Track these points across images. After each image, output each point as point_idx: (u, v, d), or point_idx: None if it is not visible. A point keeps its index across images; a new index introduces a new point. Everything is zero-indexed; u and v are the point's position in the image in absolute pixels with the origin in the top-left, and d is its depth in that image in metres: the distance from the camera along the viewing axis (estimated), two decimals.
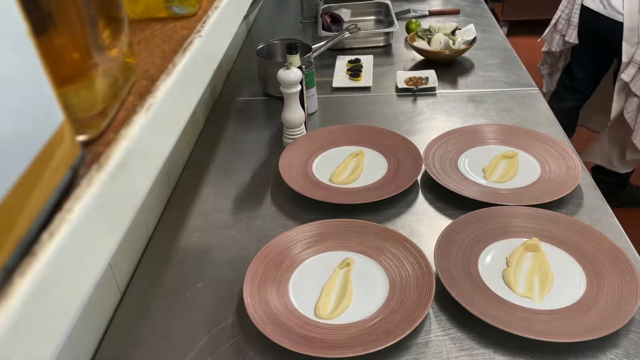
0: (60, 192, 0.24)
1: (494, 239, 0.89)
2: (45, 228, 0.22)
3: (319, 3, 1.85)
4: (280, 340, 0.72)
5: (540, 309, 0.77)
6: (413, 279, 0.82)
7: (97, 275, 0.25)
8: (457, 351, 0.73)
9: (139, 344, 0.78)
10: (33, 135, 0.21)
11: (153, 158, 0.32)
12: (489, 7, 1.96)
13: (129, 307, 0.84)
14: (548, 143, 1.10)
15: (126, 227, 0.28)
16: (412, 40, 1.55)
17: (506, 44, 1.61)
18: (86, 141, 0.28)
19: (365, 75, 1.45)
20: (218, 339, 0.77)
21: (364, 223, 0.92)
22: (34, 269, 0.20)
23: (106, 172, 0.26)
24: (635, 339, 0.73)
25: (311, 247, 0.89)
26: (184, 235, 0.97)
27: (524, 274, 0.82)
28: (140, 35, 0.42)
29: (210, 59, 0.44)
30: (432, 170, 1.03)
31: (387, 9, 1.79)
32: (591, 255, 0.84)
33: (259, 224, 0.99)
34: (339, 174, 1.07)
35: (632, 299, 0.75)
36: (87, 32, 0.28)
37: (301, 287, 0.83)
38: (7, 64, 0.20)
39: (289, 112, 1.14)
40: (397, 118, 1.27)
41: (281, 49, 1.46)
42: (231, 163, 1.16)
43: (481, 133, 1.15)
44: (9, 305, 0.19)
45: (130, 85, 0.34)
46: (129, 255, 0.90)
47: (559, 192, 0.96)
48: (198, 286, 0.87)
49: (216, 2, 0.47)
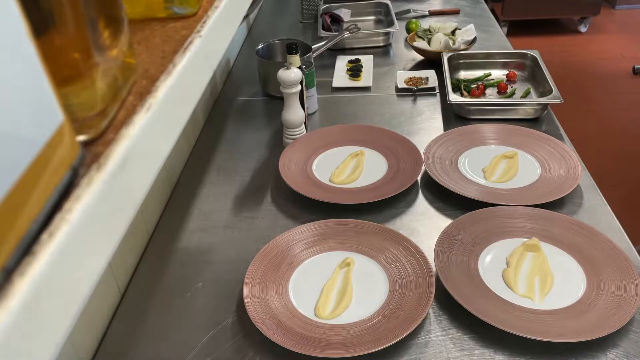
0: (60, 192, 0.24)
1: (494, 239, 0.89)
2: (45, 228, 0.22)
3: (319, 3, 1.85)
4: (280, 340, 0.72)
5: (540, 309, 0.77)
6: (413, 279, 0.82)
7: (97, 275, 0.25)
8: (457, 351, 0.73)
9: (139, 344, 0.78)
10: (33, 135, 0.21)
11: (153, 158, 0.32)
12: (489, 7, 1.96)
13: (129, 307, 0.84)
14: (548, 143, 1.10)
15: (126, 227, 0.28)
16: (412, 40, 1.55)
17: (506, 44, 1.61)
18: (86, 141, 0.28)
19: (365, 75, 1.45)
20: (218, 339, 0.77)
21: (364, 223, 0.92)
22: (34, 269, 0.20)
23: (106, 172, 0.26)
24: (635, 339, 0.73)
25: (311, 247, 0.89)
26: (184, 235, 0.97)
27: (524, 274, 0.82)
28: (140, 35, 0.42)
29: (210, 59, 0.44)
30: (432, 170, 1.04)
31: (387, 9, 1.79)
32: (591, 255, 0.84)
33: (259, 224, 0.99)
34: (339, 174, 1.07)
35: (632, 299, 0.75)
36: (87, 32, 0.28)
37: (301, 287, 0.83)
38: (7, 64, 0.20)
39: (289, 112, 1.14)
40: (397, 118, 1.27)
41: (281, 49, 1.46)
42: (231, 163, 1.16)
43: (481, 133, 1.15)
44: (9, 305, 0.19)
45: (130, 85, 0.34)
46: (129, 255, 0.90)
47: (559, 192, 0.96)
48: (198, 286, 0.87)
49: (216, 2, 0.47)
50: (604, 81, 3.14)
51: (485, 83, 1.33)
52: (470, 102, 1.21)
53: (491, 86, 1.33)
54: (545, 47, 3.54)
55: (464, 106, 1.22)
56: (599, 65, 3.31)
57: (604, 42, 3.60)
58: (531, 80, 1.35)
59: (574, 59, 3.39)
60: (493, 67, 1.41)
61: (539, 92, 1.28)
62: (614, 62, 3.33)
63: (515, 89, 1.31)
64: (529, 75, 1.37)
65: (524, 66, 1.39)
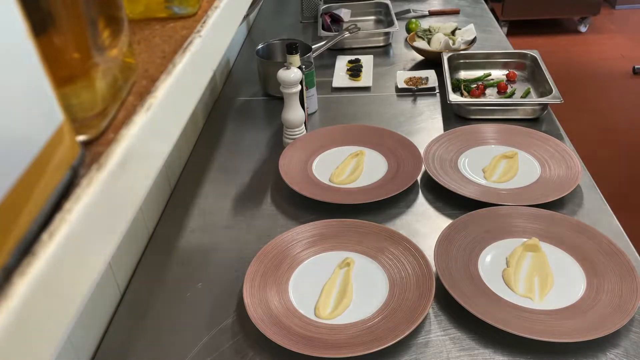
0: (60, 192, 0.24)
1: (494, 239, 0.89)
2: (45, 228, 0.22)
3: (319, 3, 1.85)
4: (280, 340, 0.72)
5: (540, 309, 0.77)
6: (413, 279, 0.82)
7: (97, 275, 0.25)
8: (457, 351, 0.73)
9: (139, 344, 0.78)
10: (33, 135, 0.21)
11: (153, 158, 0.32)
12: (489, 7, 1.96)
13: (129, 307, 0.84)
14: (548, 143, 1.10)
15: (126, 227, 0.28)
16: (412, 40, 1.55)
17: (506, 44, 1.61)
18: (86, 141, 0.28)
19: (365, 75, 1.45)
20: (218, 339, 0.77)
21: (364, 223, 0.92)
22: (34, 269, 0.20)
23: (106, 172, 0.26)
24: (635, 339, 0.73)
25: (311, 247, 0.89)
26: (184, 235, 0.97)
27: (524, 274, 0.82)
28: (140, 35, 0.42)
29: (210, 59, 0.44)
30: (432, 170, 1.03)
31: (387, 9, 1.79)
32: (591, 255, 0.84)
33: (259, 224, 0.99)
34: (339, 174, 1.07)
35: (632, 299, 0.75)
36: (87, 32, 0.28)
37: (301, 287, 0.83)
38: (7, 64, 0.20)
39: (289, 112, 1.14)
40: (397, 118, 1.27)
41: (281, 49, 1.46)
42: (231, 163, 1.16)
43: (481, 133, 1.15)
44: (9, 305, 0.19)
45: (130, 85, 0.34)
46: (129, 255, 0.90)
47: (559, 192, 0.96)
48: (198, 286, 0.87)
49: (216, 2, 0.47)
50: (604, 81, 3.14)
51: (485, 83, 1.33)
52: (470, 102, 1.21)
53: (491, 86, 1.33)
54: (545, 47, 3.54)
55: (464, 106, 1.22)
56: (599, 65, 3.31)
57: (603, 42, 3.60)
58: (531, 80, 1.35)
59: (574, 59, 3.39)
60: (493, 67, 1.41)
61: (539, 92, 1.28)
62: (614, 62, 3.34)
63: (515, 89, 1.31)
64: (528, 75, 1.37)
65: (524, 66, 1.39)
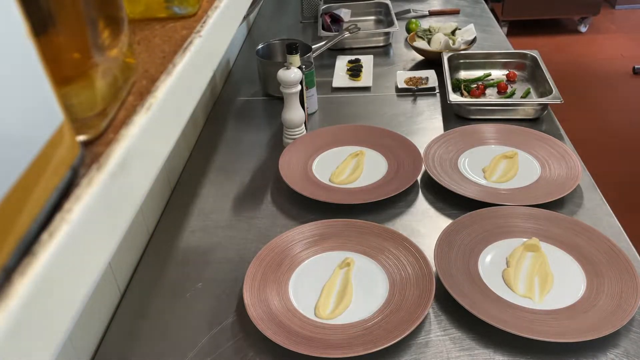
0: (60, 192, 0.24)
1: (494, 239, 0.89)
2: (45, 228, 0.22)
3: (319, 3, 1.85)
4: (280, 340, 0.72)
5: (540, 309, 0.77)
6: (413, 279, 0.82)
7: (97, 275, 0.25)
8: (457, 351, 0.73)
9: (139, 344, 0.78)
10: (33, 135, 0.21)
11: (153, 158, 0.32)
12: (489, 7, 1.96)
13: (129, 307, 0.84)
14: (548, 143, 1.10)
15: (126, 227, 0.28)
16: (412, 40, 1.55)
17: (506, 44, 1.61)
18: (86, 141, 0.28)
19: (365, 75, 1.45)
20: (218, 339, 0.77)
21: (364, 223, 0.92)
22: (34, 269, 0.20)
23: (106, 172, 0.26)
24: (635, 339, 0.73)
25: (311, 247, 0.89)
26: (184, 235, 0.97)
27: (524, 274, 0.82)
28: (140, 35, 0.42)
29: (210, 59, 0.44)
30: (432, 170, 1.04)
31: (387, 9, 1.79)
32: (591, 255, 0.84)
33: (259, 224, 0.99)
34: (339, 174, 1.07)
35: (632, 299, 0.75)
36: (87, 32, 0.28)
37: (301, 287, 0.83)
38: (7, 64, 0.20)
39: (289, 112, 1.14)
40: (397, 118, 1.27)
41: (281, 49, 1.46)
42: (231, 163, 1.16)
43: (481, 133, 1.15)
44: (9, 305, 0.19)
45: (130, 85, 0.34)
46: (129, 255, 0.90)
47: (559, 192, 0.96)
48: (198, 286, 0.87)
49: (216, 2, 0.47)
50: (603, 81, 3.14)
51: (485, 83, 1.33)
52: (470, 102, 1.21)
53: (491, 86, 1.33)
54: (545, 47, 3.54)
55: (464, 106, 1.22)
56: (599, 65, 3.31)
57: (603, 42, 3.60)
58: (531, 80, 1.35)
59: (574, 59, 3.39)
60: (493, 67, 1.41)
61: (539, 92, 1.28)
62: (614, 62, 3.34)
63: (515, 89, 1.31)
64: (529, 76, 1.37)
65: (524, 66, 1.39)
